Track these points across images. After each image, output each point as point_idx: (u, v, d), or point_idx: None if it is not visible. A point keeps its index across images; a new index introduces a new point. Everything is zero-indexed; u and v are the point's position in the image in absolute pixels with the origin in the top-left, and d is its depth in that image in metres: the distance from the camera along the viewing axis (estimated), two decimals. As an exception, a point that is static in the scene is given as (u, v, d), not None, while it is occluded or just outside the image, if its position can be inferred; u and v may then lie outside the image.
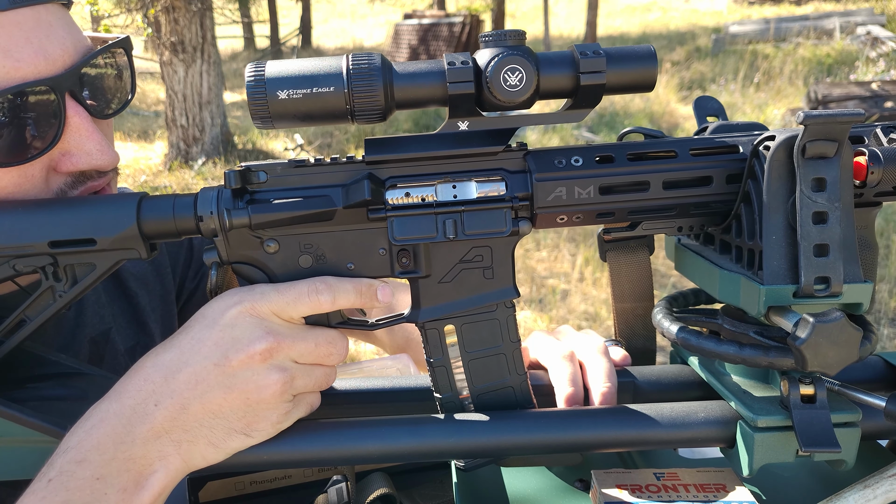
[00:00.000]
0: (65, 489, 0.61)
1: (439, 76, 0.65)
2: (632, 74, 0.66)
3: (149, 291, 1.09)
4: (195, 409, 0.65)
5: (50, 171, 0.76)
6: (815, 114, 0.60)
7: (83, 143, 0.75)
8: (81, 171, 0.77)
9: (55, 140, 0.74)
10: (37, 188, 0.75)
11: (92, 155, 0.75)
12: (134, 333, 1.05)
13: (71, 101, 0.74)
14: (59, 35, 0.73)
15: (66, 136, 0.75)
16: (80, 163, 0.75)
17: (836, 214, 0.62)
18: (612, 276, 0.86)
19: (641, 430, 0.71)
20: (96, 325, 0.99)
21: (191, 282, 1.17)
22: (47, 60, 0.72)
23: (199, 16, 7.41)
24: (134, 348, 1.04)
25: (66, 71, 0.73)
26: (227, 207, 0.68)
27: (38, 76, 0.71)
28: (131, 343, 1.04)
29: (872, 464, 0.73)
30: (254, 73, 0.64)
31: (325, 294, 0.69)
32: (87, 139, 0.75)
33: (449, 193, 0.69)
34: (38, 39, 0.71)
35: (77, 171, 0.76)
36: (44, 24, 0.72)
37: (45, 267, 0.69)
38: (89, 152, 0.75)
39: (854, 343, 0.59)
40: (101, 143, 0.76)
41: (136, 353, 1.04)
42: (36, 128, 0.72)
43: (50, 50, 0.72)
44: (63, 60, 0.73)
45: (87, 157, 0.75)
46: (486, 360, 0.74)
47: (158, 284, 1.11)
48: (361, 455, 0.70)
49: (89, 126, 0.75)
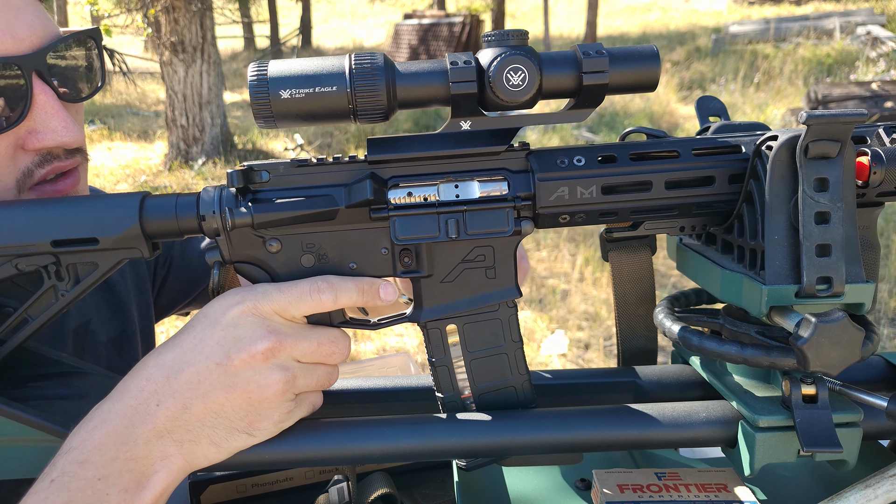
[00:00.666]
0: (67, 490, 0.61)
1: (442, 76, 0.65)
2: (634, 74, 0.66)
3: (126, 281, 1.10)
4: (197, 408, 0.65)
5: (17, 150, 0.77)
6: (817, 114, 0.60)
7: (49, 121, 0.76)
8: (48, 150, 0.78)
9: (22, 116, 0.75)
10: (3, 165, 0.76)
11: (58, 132, 0.77)
12: (118, 323, 1.06)
13: (38, 80, 0.76)
14: (27, 18, 0.75)
15: (33, 114, 0.76)
16: (45, 139, 0.76)
17: (838, 214, 0.62)
18: (613, 276, 0.86)
19: (643, 430, 0.71)
20: (77, 317, 1.00)
21: (161, 268, 1.19)
22: (14, 39, 0.74)
23: (199, 16, 7.40)
24: (119, 338, 1.05)
25: (34, 52, 0.75)
26: (230, 207, 0.68)
27: (4, 53, 0.73)
28: (116, 332, 1.05)
29: (873, 464, 0.73)
30: (257, 72, 0.64)
31: (327, 293, 0.69)
32: (53, 116, 0.77)
33: (451, 193, 0.69)
34: (6, 19, 0.73)
35: (43, 147, 0.77)
36: (13, 6, 0.74)
37: (48, 266, 0.69)
38: (55, 129, 0.77)
39: (856, 343, 0.59)
40: (67, 120, 0.78)
41: (121, 343, 1.05)
42: (4, 103, 0.74)
43: (18, 30, 0.74)
44: (31, 41, 0.75)
45: (52, 133, 0.77)
46: (488, 359, 0.74)
47: (134, 274, 1.12)
48: (363, 455, 0.70)
49: (55, 104, 0.77)
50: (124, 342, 1.06)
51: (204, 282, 1.21)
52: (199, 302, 1.24)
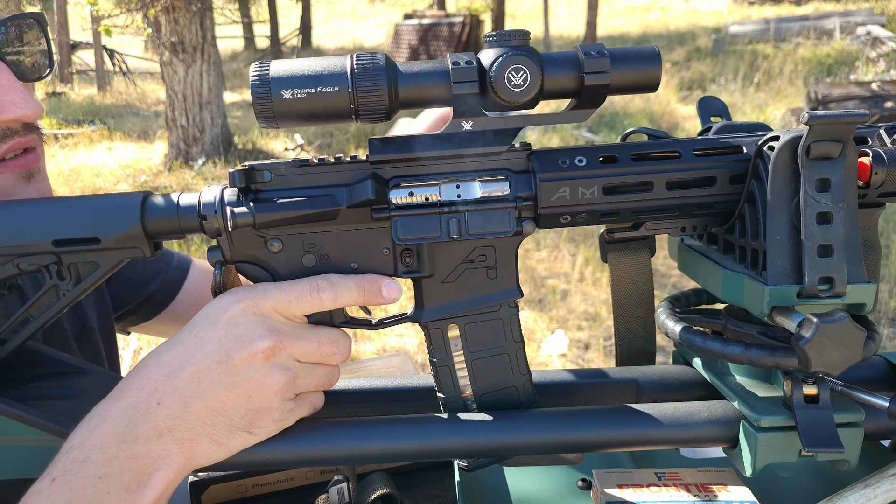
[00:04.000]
0: (68, 489, 0.61)
1: (443, 76, 0.65)
2: (636, 75, 0.66)
3: None
4: (197, 407, 0.65)
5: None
6: (819, 114, 0.60)
7: (5, 94, 0.77)
8: (7, 125, 0.79)
9: None
10: None
11: (16, 104, 0.78)
12: (77, 319, 1.06)
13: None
14: None
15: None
16: (5, 111, 0.77)
17: (840, 215, 0.62)
18: (612, 277, 0.86)
19: (644, 430, 0.71)
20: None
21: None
22: None
23: (199, 16, 7.40)
24: (79, 333, 1.05)
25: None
26: (232, 206, 0.68)
27: None
28: (76, 328, 1.05)
29: (874, 464, 0.73)
30: (259, 72, 0.64)
31: (327, 291, 0.69)
32: (10, 89, 0.78)
33: (453, 193, 0.69)
34: None
35: (5, 119, 0.78)
36: None
37: (49, 266, 0.69)
38: (13, 101, 0.78)
39: (858, 343, 0.59)
40: (23, 93, 0.78)
41: (81, 338, 1.05)
42: None
43: None
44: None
45: (11, 105, 0.77)
46: (490, 359, 0.74)
47: None
48: (364, 455, 0.70)
49: (10, 77, 0.78)
50: (84, 338, 1.06)
51: (145, 290, 1.19)
52: (142, 313, 1.21)
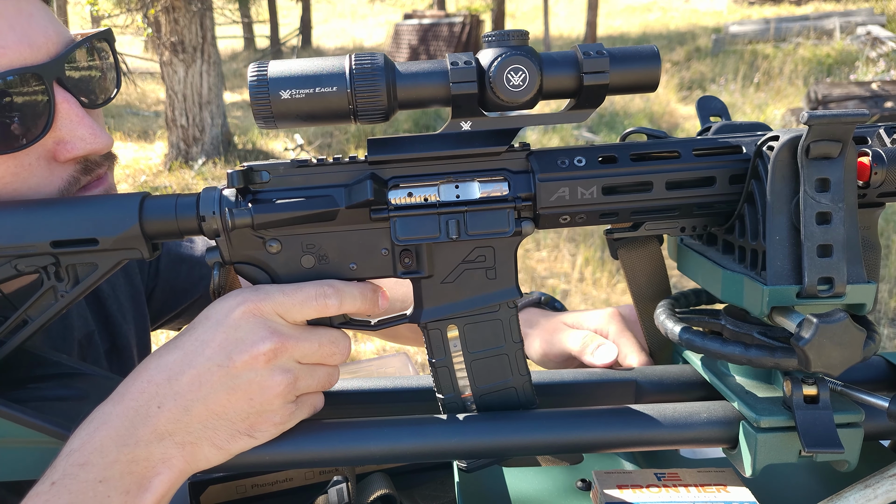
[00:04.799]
0: (68, 492, 0.61)
1: (442, 76, 0.65)
2: (635, 75, 0.66)
3: (121, 293, 1.08)
4: (198, 410, 0.65)
5: (51, 162, 0.75)
6: (819, 114, 0.60)
7: (75, 129, 0.75)
8: (84, 158, 0.76)
9: (47, 128, 0.73)
10: (39, 179, 0.74)
11: (86, 140, 0.75)
12: (108, 336, 1.05)
13: (59, 89, 0.74)
14: (41, 24, 0.73)
15: (58, 124, 0.74)
16: (75, 149, 0.75)
17: (839, 215, 0.62)
18: (626, 273, 0.86)
19: (644, 431, 0.71)
20: (81, 328, 0.99)
21: (151, 280, 1.17)
22: (32, 48, 0.71)
23: (199, 16, 7.40)
24: (109, 351, 1.04)
25: (52, 59, 0.73)
26: (230, 207, 0.68)
27: (24, 63, 0.70)
28: (106, 346, 1.04)
29: (874, 464, 0.73)
30: (257, 72, 0.64)
31: (333, 298, 0.69)
32: (79, 125, 0.75)
33: (451, 194, 0.69)
34: (22, 27, 0.71)
35: (76, 157, 0.75)
36: (25, 13, 0.72)
37: (47, 267, 0.69)
38: (83, 137, 0.75)
39: (858, 344, 0.59)
40: (93, 127, 0.76)
41: (111, 356, 1.04)
42: (26, 116, 0.72)
43: (34, 38, 0.72)
44: (48, 49, 0.73)
45: (81, 142, 0.75)
46: (489, 360, 0.74)
47: (129, 285, 1.10)
48: (364, 455, 0.70)
49: (79, 111, 0.75)
50: (114, 356, 1.05)
51: (190, 296, 1.19)
52: (188, 315, 1.22)
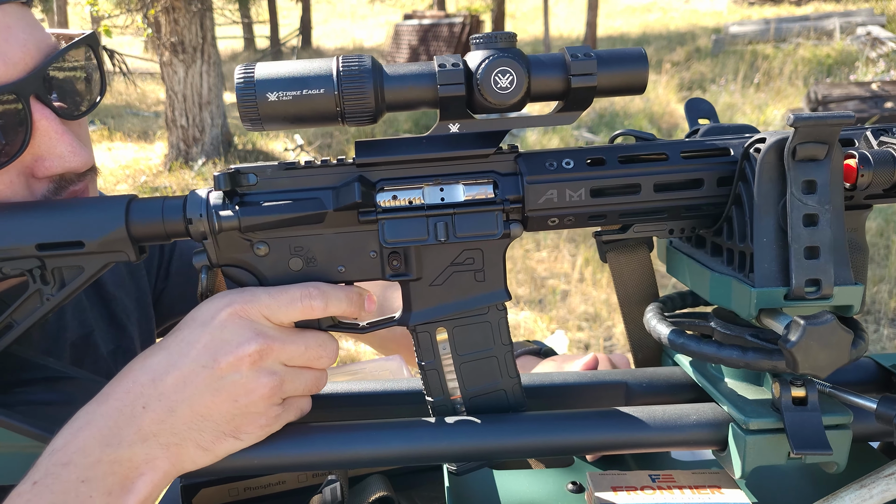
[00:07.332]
0: (49, 492, 0.61)
1: (430, 78, 0.65)
2: (622, 77, 0.66)
3: (126, 294, 1.08)
4: (183, 411, 0.65)
5: (29, 178, 0.74)
6: (805, 116, 0.60)
7: (54, 147, 0.73)
8: (60, 175, 0.75)
9: (24, 145, 0.72)
10: (19, 195, 0.73)
11: (64, 157, 0.74)
12: (114, 337, 1.04)
13: (37, 105, 0.72)
14: (18, 38, 0.71)
15: (36, 141, 0.73)
16: (53, 167, 0.74)
17: (826, 217, 0.62)
18: (614, 276, 0.86)
19: (633, 433, 0.71)
20: (76, 329, 0.98)
21: (161, 282, 1.17)
22: (7, 64, 0.70)
23: (199, 16, 7.41)
24: (115, 352, 1.04)
25: (29, 74, 0.71)
26: (217, 210, 0.68)
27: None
28: (112, 346, 1.03)
29: (864, 466, 0.73)
30: (243, 74, 0.64)
31: (318, 300, 0.68)
32: (58, 142, 0.73)
33: (437, 196, 0.69)
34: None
35: (53, 174, 0.74)
36: (2, 26, 0.70)
37: (33, 270, 0.69)
38: (61, 155, 0.74)
39: (845, 345, 0.59)
40: (73, 144, 0.74)
41: (117, 356, 1.04)
42: (4, 133, 0.70)
43: (10, 53, 0.70)
44: (25, 63, 0.71)
45: (59, 160, 0.74)
46: (478, 362, 0.74)
47: (134, 287, 1.10)
48: (352, 459, 0.70)
49: (58, 128, 0.74)
50: (119, 356, 1.04)
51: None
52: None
